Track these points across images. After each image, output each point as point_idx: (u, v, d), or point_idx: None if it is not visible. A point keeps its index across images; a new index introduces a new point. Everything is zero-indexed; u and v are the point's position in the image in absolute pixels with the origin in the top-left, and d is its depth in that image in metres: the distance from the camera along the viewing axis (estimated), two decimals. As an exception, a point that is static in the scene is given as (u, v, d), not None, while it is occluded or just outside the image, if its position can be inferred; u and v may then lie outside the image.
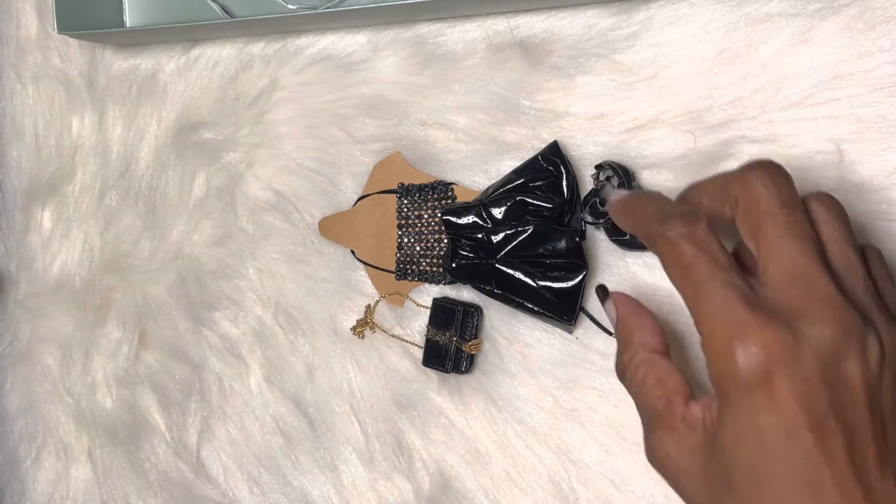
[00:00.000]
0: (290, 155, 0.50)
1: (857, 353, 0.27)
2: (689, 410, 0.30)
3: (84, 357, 0.55)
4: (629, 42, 0.43)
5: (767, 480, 0.28)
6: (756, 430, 0.28)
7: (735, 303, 0.28)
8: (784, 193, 0.29)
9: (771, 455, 0.27)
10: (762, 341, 0.27)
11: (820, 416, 0.27)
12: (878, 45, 0.39)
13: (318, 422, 0.50)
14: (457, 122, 0.46)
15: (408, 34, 0.47)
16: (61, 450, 0.56)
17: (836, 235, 0.30)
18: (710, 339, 0.28)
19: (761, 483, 0.28)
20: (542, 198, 0.42)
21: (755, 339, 0.27)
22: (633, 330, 0.34)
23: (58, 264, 0.56)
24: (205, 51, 0.52)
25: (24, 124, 0.56)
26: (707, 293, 0.28)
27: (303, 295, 0.50)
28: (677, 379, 0.32)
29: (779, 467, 0.27)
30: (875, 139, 0.39)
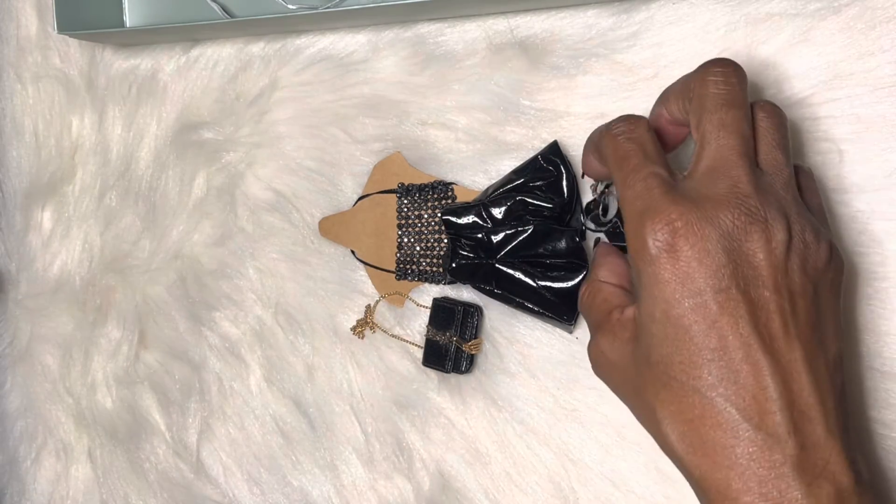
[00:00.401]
0: (290, 155, 0.50)
1: (759, 234, 0.30)
2: (624, 314, 0.34)
3: (84, 357, 0.55)
4: (629, 42, 0.43)
5: (678, 350, 0.30)
6: (664, 300, 0.30)
7: (653, 188, 0.31)
8: (730, 93, 0.32)
9: (678, 324, 0.30)
10: (668, 217, 0.30)
11: (722, 285, 0.29)
12: (879, 44, 0.39)
13: (318, 422, 0.50)
14: (457, 122, 0.46)
15: (408, 34, 0.47)
16: (61, 450, 0.56)
17: (768, 138, 0.33)
18: (629, 220, 0.31)
19: (672, 353, 0.30)
20: (542, 198, 0.42)
21: (662, 217, 0.30)
22: (597, 266, 0.38)
23: (58, 264, 0.56)
24: (205, 51, 0.52)
25: (24, 124, 0.56)
26: (632, 181, 0.32)
27: (303, 295, 0.50)
28: (622, 298, 0.35)
29: (686, 336, 0.30)
30: (875, 139, 0.39)
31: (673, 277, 0.30)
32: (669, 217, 0.30)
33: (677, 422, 0.30)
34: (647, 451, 0.43)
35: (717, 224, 0.29)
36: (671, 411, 0.30)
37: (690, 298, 0.29)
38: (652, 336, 0.31)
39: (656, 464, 0.42)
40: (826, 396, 0.29)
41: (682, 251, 0.29)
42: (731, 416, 0.29)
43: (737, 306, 0.29)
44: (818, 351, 0.30)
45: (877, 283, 0.39)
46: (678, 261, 0.30)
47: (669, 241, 0.30)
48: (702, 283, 0.29)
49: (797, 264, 0.30)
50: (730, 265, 0.29)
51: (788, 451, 0.28)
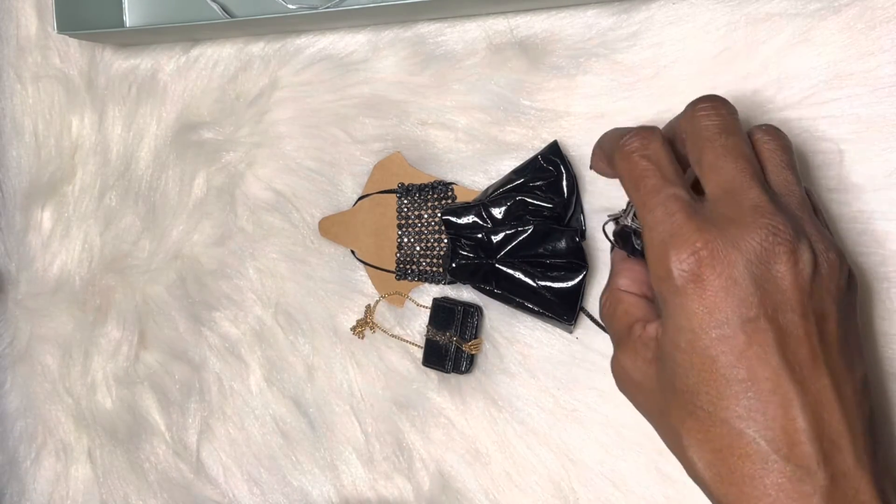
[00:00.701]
0: (290, 155, 0.50)
1: (787, 256, 0.28)
2: (646, 330, 0.32)
3: (84, 357, 0.55)
4: (629, 42, 0.43)
5: (704, 380, 0.29)
6: (690, 331, 0.29)
7: (674, 213, 0.30)
8: (725, 122, 0.31)
9: (704, 354, 0.29)
10: (693, 246, 0.29)
11: (750, 315, 0.28)
12: (879, 44, 0.39)
13: (318, 422, 0.50)
14: (457, 122, 0.46)
15: (408, 34, 0.47)
16: (61, 450, 0.56)
17: (776, 160, 0.32)
18: (652, 246, 0.30)
19: (699, 384, 0.29)
20: (542, 198, 0.42)
21: (687, 246, 0.29)
22: (616, 274, 0.37)
23: (58, 264, 0.56)
24: (205, 50, 0.52)
25: (24, 124, 0.56)
26: (652, 204, 0.30)
27: (303, 295, 0.50)
28: (643, 310, 0.34)
29: (712, 367, 0.29)
30: (875, 139, 0.39)
31: (699, 308, 0.29)
32: (694, 245, 0.29)
33: (704, 450, 0.29)
34: (647, 451, 0.43)
35: (743, 248, 0.28)
36: (698, 439, 0.30)
37: (717, 329, 0.28)
38: (677, 364, 0.30)
39: (656, 464, 0.42)
40: (855, 423, 0.29)
41: (709, 281, 0.28)
42: (760, 448, 0.28)
43: (765, 336, 0.28)
44: (846, 376, 0.29)
45: (877, 284, 0.39)
46: (704, 291, 0.29)
47: (695, 271, 0.29)
48: (729, 313, 0.28)
49: (823, 286, 0.29)
50: (757, 293, 0.28)
51: (819, 483, 0.28)
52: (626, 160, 0.32)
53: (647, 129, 0.33)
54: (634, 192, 0.32)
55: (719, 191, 0.30)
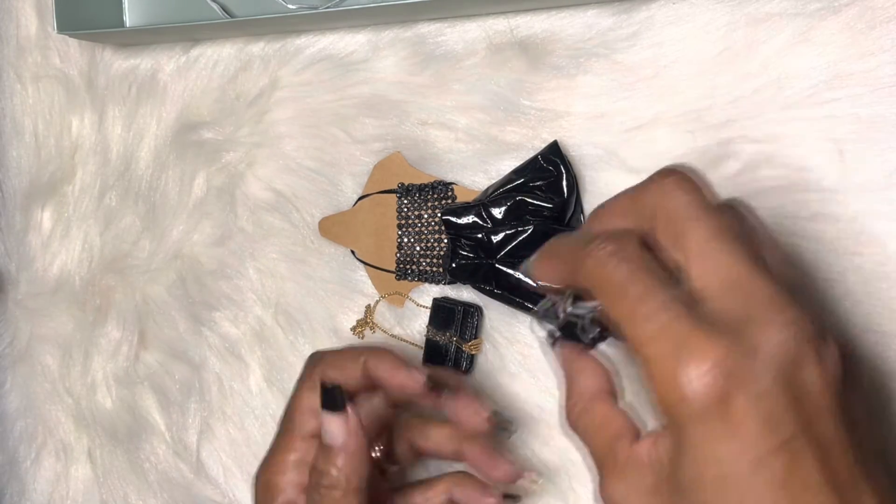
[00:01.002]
0: (290, 155, 0.50)
1: (814, 357, 0.24)
2: (634, 451, 0.27)
3: (84, 357, 0.55)
4: (629, 42, 0.43)
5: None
6: (718, 462, 0.24)
7: (677, 320, 0.25)
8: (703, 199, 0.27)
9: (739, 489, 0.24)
10: (711, 358, 0.24)
11: (787, 436, 0.24)
12: (879, 44, 0.39)
13: (318, 422, 0.50)
14: (457, 122, 0.46)
15: (408, 34, 0.47)
16: (61, 450, 0.56)
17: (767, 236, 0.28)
18: (654, 363, 0.25)
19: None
20: (542, 198, 0.42)
21: (703, 357, 0.24)
22: (574, 376, 0.31)
23: (57, 264, 0.56)
24: (205, 50, 0.52)
25: (24, 124, 0.56)
26: (645, 313, 0.25)
27: (303, 295, 0.50)
28: (620, 421, 0.29)
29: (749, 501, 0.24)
30: (875, 139, 0.39)
31: (725, 434, 0.24)
32: (711, 359, 0.24)
33: None
34: (647, 451, 0.43)
35: (767, 354, 0.24)
36: None
37: (751, 458, 0.24)
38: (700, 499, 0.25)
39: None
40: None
41: (735, 400, 0.24)
42: None
43: (805, 457, 0.24)
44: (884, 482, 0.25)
45: (877, 283, 0.39)
46: (730, 413, 0.24)
47: (718, 391, 0.24)
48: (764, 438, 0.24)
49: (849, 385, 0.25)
50: (791, 406, 0.24)
51: None
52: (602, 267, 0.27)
53: (620, 231, 0.28)
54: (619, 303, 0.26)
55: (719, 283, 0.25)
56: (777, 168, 0.41)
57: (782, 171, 0.41)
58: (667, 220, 0.27)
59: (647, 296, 0.25)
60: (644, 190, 0.28)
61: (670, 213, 0.27)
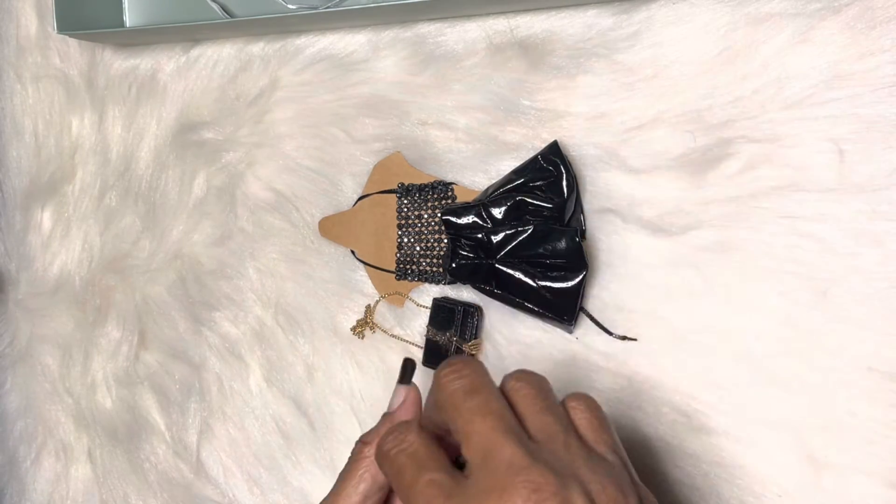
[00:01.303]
0: (290, 155, 0.50)
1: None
2: None
3: (84, 357, 0.55)
4: (629, 42, 0.43)
5: None
6: None
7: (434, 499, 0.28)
8: (468, 383, 0.30)
9: None
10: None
11: None
12: (879, 44, 0.39)
13: (318, 422, 0.50)
14: (457, 122, 0.46)
15: (408, 34, 0.47)
16: (61, 450, 0.56)
17: (531, 407, 0.30)
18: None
19: None
20: (542, 198, 0.42)
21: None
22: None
23: (57, 264, 0.56)
24: (205, 51, 0.52)
25: (24, 124, 0.56)
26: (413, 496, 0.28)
27: (303, 295, 0.50)
28: None
29: None
30: (875, 139, 0.39)
31: None
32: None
33: None
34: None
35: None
36: None
37: None
38: None
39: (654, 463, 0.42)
40: None
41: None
42: None
43: None
44: None
45: (877, 283, 0.39)
46: None
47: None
48: None
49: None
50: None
51: None
52: (385, 462, 0.31)
53: (402, 424, 0.32)
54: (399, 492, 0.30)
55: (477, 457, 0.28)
56: (777, 168, 0.41)
57: (782, 171, 0.41)
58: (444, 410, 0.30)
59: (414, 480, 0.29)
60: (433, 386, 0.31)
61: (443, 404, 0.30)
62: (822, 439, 0.40)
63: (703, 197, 0.42)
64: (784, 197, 0.41)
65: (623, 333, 0.43)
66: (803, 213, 0.40)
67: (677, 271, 0.42)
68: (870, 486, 0.39)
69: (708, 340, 0.42)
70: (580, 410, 0.32)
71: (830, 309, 0.40)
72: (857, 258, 0.39)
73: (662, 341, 0.42)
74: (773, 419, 0.41)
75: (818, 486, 0.40)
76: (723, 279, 0.42)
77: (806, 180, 0.40)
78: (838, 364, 0.40)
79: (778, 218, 0.41)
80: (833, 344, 0.40)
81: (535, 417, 0.30)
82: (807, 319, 0.40)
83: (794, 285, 0.40)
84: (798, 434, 0.40)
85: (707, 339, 0.42)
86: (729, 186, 0.41)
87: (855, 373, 0.39)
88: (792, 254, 0.40)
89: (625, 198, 0.43)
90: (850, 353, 0.40)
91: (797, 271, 0.40)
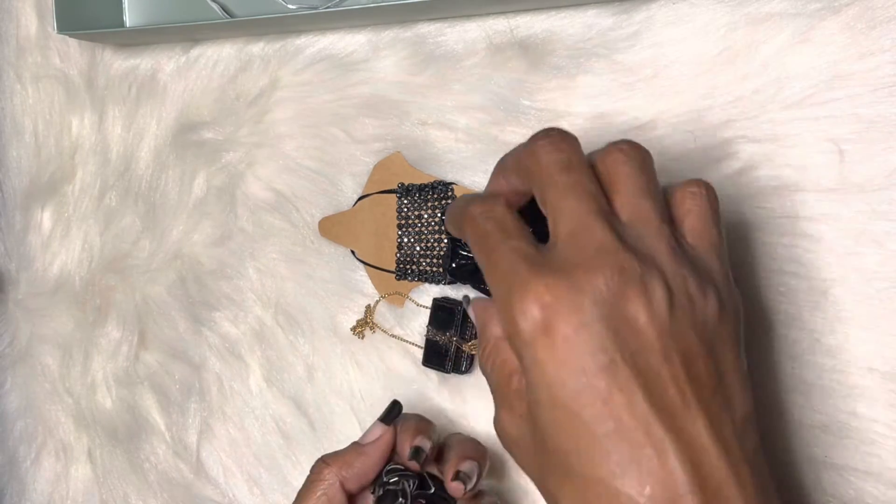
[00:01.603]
0: (290, 155, 0.50)
1: (638, 296, 0.27)
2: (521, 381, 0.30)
3: (84, 357, 0.55)
4: (629, 42, 0.43)
5: (572, 438, 0.27)
6: (546, 385, 0.27)
7: (517, 264, 0.28)
8: (565, 158, 0.30)
9: (567, 409, 0.27)
10: (536, 295, 0.27)
11: (607, 361, 0.27)
12: (879, 44, 0.39)
13: (318, 422, 0.50)
14: (457, 122, 0.46)
15: (408, 34, 0.47)
16: (61, 450, 0.56)
17: (630, 186, 0.30)
18: (497, 303, 0.29)
19: (567, 442, 0.27)
20: (542, 198, 0.42)
21: (531, 294, 0.27)
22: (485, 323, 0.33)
23: (57, 264, 0.56)
24: (205, 51, 0.52)
25: (24, 124, 0.56)
26: (495, 261, 0.29)
27: (303, 295, 0.50)
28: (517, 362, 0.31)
29: (578, 423, 0.27)
30: (875, 139, 0.39)
31: (552, 359, 0.27)
32: (538, 293, 0.27)
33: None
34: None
35: (590, 292, 0.27)
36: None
37: (575, 380, 0.27)
38: (544, 423, 0.28)
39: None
40: (740, 467, 0.27)
41: (558, 329, 0.27)
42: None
43: (627, 381, 0.26)
44: (724, 416, 0.28)
45: (877, 283, 0.39)
46: (555, 340, 0.27)
47: (542, 321, 0.27)
48: (585, 361, 0.27)
49: (685, 323, 0.28)
50: (612, 336, 0.27)
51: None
52: (471, 224, 0.31)
53: (490, 195, 0.32)
54: (480, 252, 0.31)
55: (565, 233, 0.29)
56: (777, 168, 0.41)
57: (782, 171, 0.41)
58: (535, 180, 0.31)
59: (498, 245, 0.30)
60: (523, 151, 0.32)
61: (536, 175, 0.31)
62: (823, 439, 0.40)
63: (703, 197, 0.42)
64: (784, 197, 0.41)
65: (623, 333, 0.43)
66: (803, 213, 0.40)
67: (677, 271, 0.42)
68: (870, 486, 0.39)
69: (708, 340, 0.42)
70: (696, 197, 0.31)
71: (830, 309, 0.40)
72: (857, 258, 0.39)
73: (662, 341, 0.42)
74: (772, 419, 0.41)
75: (818, 486, 0.40)
76: (723, 279, 0.42)
77: (806, 180, 0.40)
78: (838, 364, 0.40)
79: (778, 218, 0.41)
80: (833, 344, 0.40)
81: (631, 199, 0.30)
82: (807, 319, 0.40)
83: (794, 285, 0.40)
84: (798, 434, 0.40)
85: (707, 339, 0.42)
86: (729, 186, 0.41)
87: (855, 373, 0.39)
88: (792, 254, 0.40)
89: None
90: (850, 353, 0.40)
91: (797, 271, 0.40)
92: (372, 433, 0.39)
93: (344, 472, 0.38)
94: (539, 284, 0.27)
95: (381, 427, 0.39)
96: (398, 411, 0.40)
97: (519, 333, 0.28)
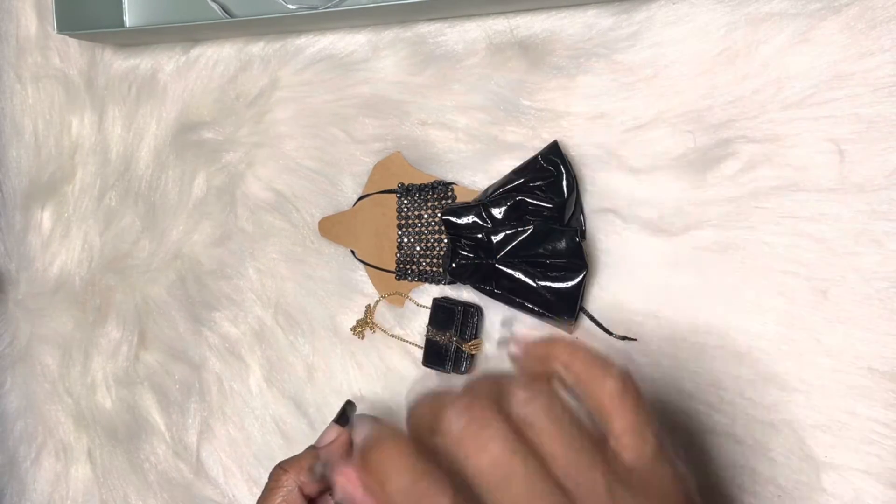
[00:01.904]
0: (290, 155, 0.50)
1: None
2: None
3: (84, 357, 0.55)
4: (629, 42, 0.43)
5: None
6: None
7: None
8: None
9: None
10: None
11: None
12: (879, 44, 0.39)
13: (318, 422, 0.50)
14: (457, 122, 0.46)
15: (408, 34, 0.47)
16: (61, 450, 0.56)
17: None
18: None
19: None
20: (542, 198, 0.42)
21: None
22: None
23: (57, 264, 0.56)
24: (205, 51, 0.52)
25: (24, 124, 0.56)
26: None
27: (303, 295, 0.50)
28: None
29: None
30: (875, 139, 0.39)
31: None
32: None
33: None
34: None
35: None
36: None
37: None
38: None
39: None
40: None
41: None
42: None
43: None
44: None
45: (877, 283, 0.39)
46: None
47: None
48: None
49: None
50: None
51: None
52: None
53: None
54: None
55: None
56: (777, 168, 0.41)
57: (782, 171, 0.41)
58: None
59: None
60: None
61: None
62: (822, 439, 0.40)
63: (703, 197, 0.42)
64: (784, 197, 0.41)
65: (623, 333, 0.43)
66: (803, 213, 0.40)
67: (677, 271, 0.42)
68: (870, 486, 0.39)
69: (708, 340, 0.42)
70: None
71: (830, 309, 0.40)
72: (857, 258, 0.39)
73: (662, 341, 0.42)
74: (773, 419, 0.41)
75: (818, 486, 0.40)
76: (723, 279, 0.42)
77: (806, 180, 0.40)
78: (838, 364, 0.40)
79: (778, 218, 0.41)
80: (833, 344, 0.40)
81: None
82: (807, 319, 0.40)
83: (794, 285, 0.40)
84: (798, 434, 0.40)
85: (707, 339, 0.42)
86: (729, 186, 0.41)
87: (855, 373, 0.39)
88: (792, 254, 0.40)
89: (625, 198, 0.43)
90: (850, 353, 0.40)
91: (797, 271, 0.40)
92: (327, 435, 0.39)
93: (302, 476, 0.38)
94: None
95: (336, 429, 0.39)
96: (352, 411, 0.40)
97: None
